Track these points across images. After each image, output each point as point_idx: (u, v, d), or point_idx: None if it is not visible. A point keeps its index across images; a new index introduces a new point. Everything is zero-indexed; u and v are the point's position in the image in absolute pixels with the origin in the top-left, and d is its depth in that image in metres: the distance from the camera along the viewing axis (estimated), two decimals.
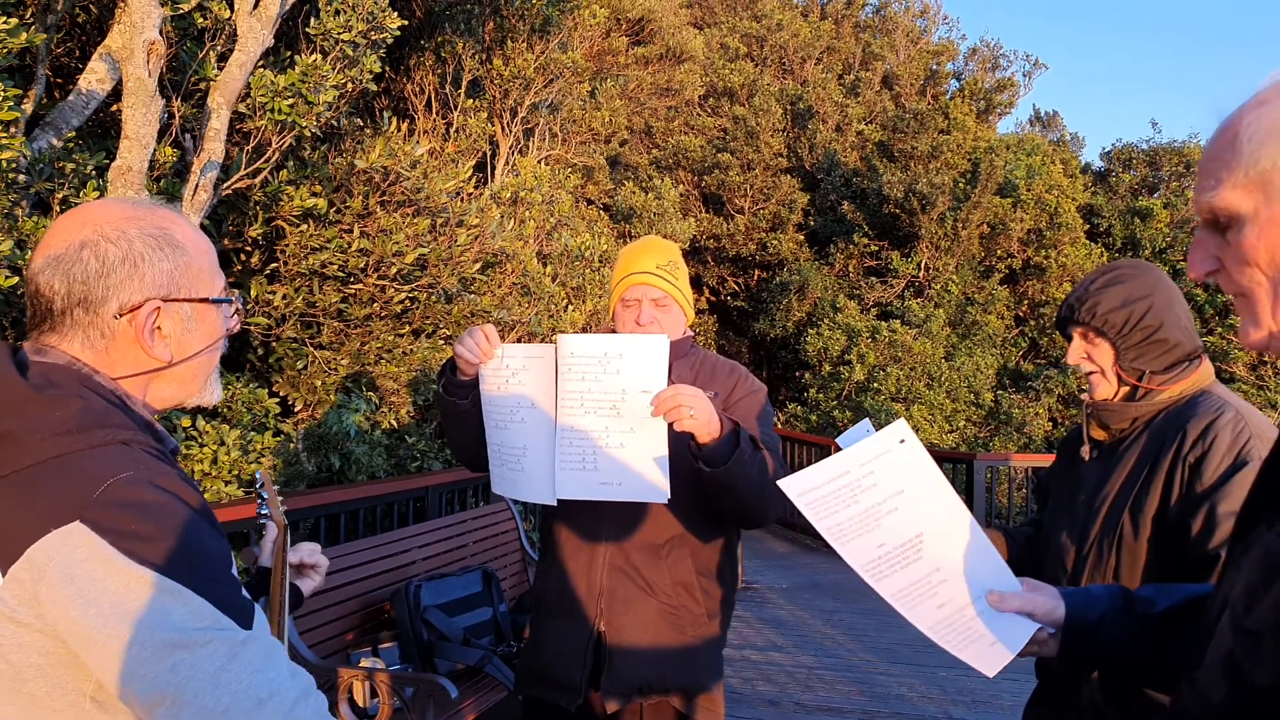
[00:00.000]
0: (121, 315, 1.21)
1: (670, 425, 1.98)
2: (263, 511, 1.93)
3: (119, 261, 1.20)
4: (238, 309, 1.38)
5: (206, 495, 4.71)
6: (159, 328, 1.25)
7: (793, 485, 1.32)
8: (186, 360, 1.29)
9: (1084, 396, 2.08)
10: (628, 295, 2.39)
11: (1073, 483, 2.09)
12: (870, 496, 1.33)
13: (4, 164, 3.69)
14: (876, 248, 18.60)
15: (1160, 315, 1.92)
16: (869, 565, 1.31)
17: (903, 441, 1.36)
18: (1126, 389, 1.99)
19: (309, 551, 1.89)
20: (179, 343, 1.27)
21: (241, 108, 5.02)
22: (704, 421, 1.98)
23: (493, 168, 9.62)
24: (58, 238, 1.22)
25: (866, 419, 2.03)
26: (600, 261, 9.27)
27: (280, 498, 1.98)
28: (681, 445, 2.06)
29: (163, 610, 1.04)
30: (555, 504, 2.12)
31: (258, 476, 1.98)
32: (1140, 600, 1.32)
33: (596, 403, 2.01)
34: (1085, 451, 2.07)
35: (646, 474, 2.00)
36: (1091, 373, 2.02)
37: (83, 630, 1.04)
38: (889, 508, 1.33)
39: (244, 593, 1.15)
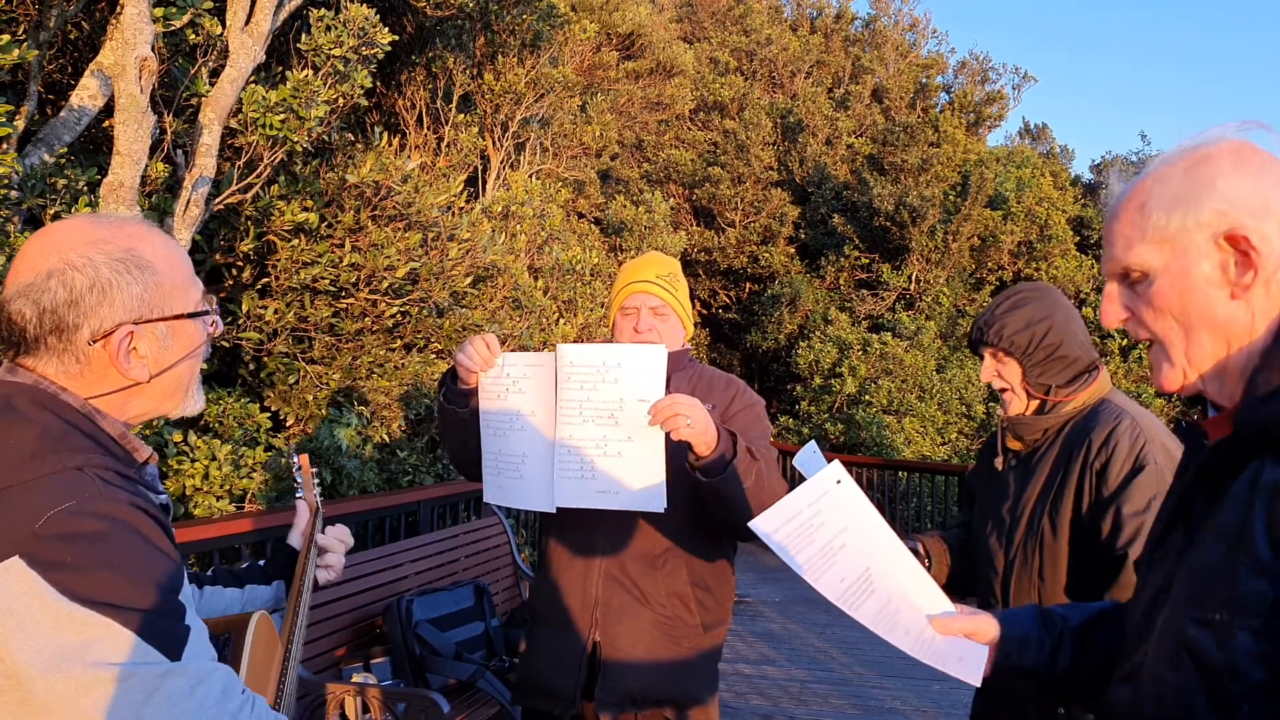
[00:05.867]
0: (95, 341, 1.21)
1: (668, 435, 1.99)
2: (298, 495, 1.94)
3: (86, 290, 1.20)
4: (215, 318, 1.38)
5: (197, 511, 4.73)
6: (135, 349, 1.25)
7: (762, 525, 1.38)
8: (164, 373, 1.29)
9: (998, 412, 2.26)
10: (627, 304, 2.40)
11: (995, 491, 2.27)
12: (823, 534, 1.40)
13: None
14: (867, 260, 18.65)
15: (1060, 334, 2.11)
16: (841, 597, 1.38)
17: (839, 482, 1.43)
18: (1035, 402, 2.17)
19: (333, 540, 1.90)
20: (156, 361, 1.27)
21: (233, 123, 5.03)
22: (701, 431, 1.98)
23: (484, 182, 9.64)
24: (26, 265, 1.22)
25: (813, 440, 2.12)
26: (591, 275, 9.30)
27: (316, 481, 1.98)
28: (679, 456, 2.07)
29: (89, 645, 1.06)
30: (554, 511, 2.12)
31: (294, 460, 1.99)
32: (1057, 617, 1.46)
33: (595, 412, 2.02)
34: (999, 462, 2.27)
35: (643, 483, 2.01)
36: (1003, 390, 2.20)
37: (21, 665, 1.05)
38: (839, 544, 1.40)
39: (183, 619, 1.14)
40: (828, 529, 1.40)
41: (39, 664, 1.05)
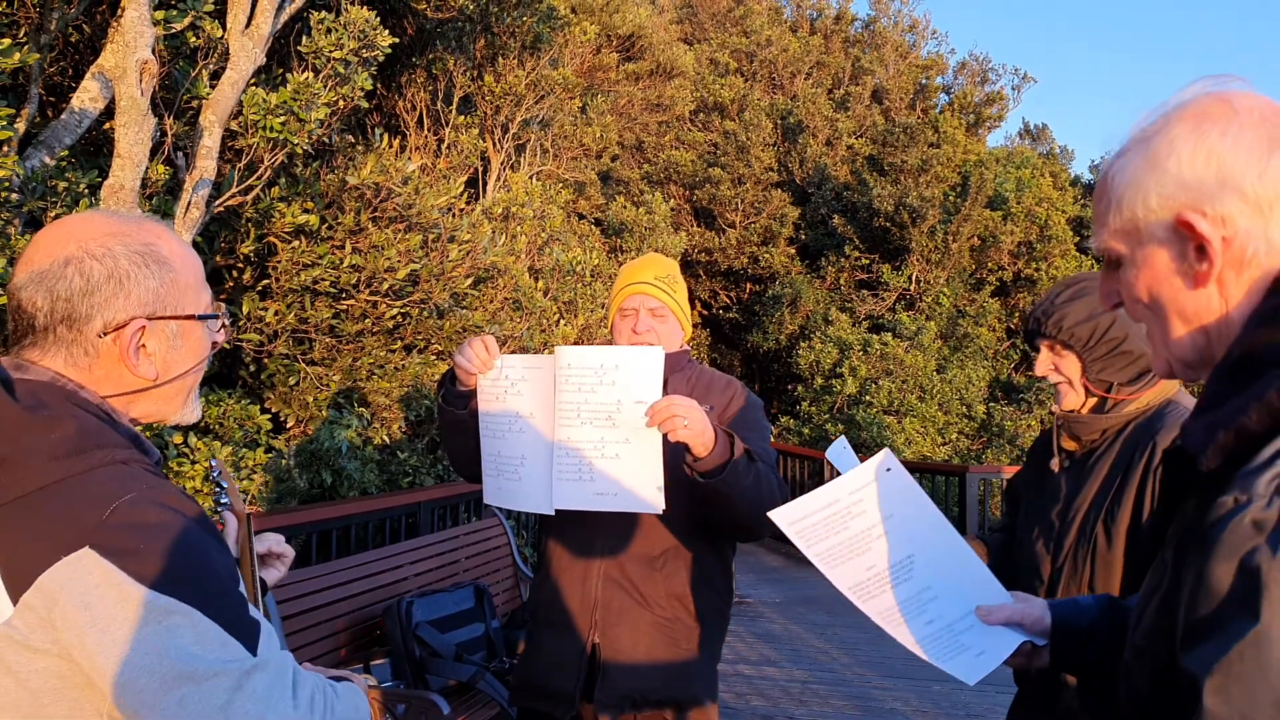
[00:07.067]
0: (106, 334, 1.19)
1: (666, 436, 1.99)
2: (221, 501, 1.87)
3: (104, 280, 1.18)
4: (224, 324, 1.36)
5: None
6: (144, 345, 1.22)
7: (783, 515, 1.35)
8: (172, 381, 1.27)
9: (1053, 408, 2.10)
10: (625, 305, 2.41)
11: (1045, 493, 2.11)
12: (859, 523, 1.36)
13: None
14: (867, 261, 18.68)
15: (1125, 327, 1.93)
16: (856, 587, 1.34)
17: (889, 470, 1.39)
18: (1094, 400, 2.02)
19: (275, 541, 1.84)
20: (164, 360, 1.25)
21: (234, 125, 5.04)
22: (698, 432, 1.99)
23: (484, 183, 9.65)
24: (41, 253, 1.19)
25: (843, 437, 2.06)
26: (592, 276, 9.30)
27: (239, 488, 1.91)
28: (678, 457, 2.07)
29: (172, 637, 1.04)
30: (553, 514, 2.13)
31: (213, 464, 1.85)
32: (1126, 610, 1.35)
33: (593, 414, 2.03)
34: (1055, 463, 2.10)
35: (642, 485, 2.01)
36: (1059, 383, 2.04)
37: (97, 658, 1.03)
38: (878, 533, 1.37)
39: (251, 610, 1.13)
40: (867, 517, 1.37)
41: (118, 659, 1.02)
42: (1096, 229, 1.06)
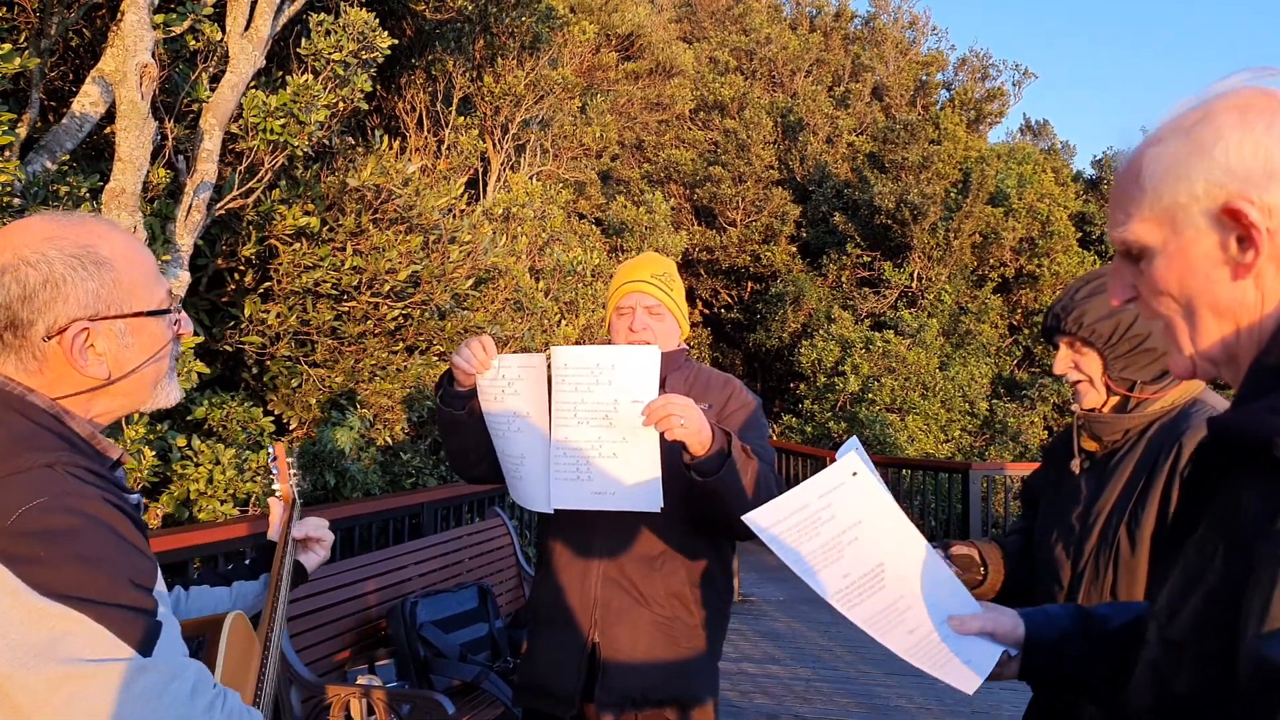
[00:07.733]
0: (50, 338, 1.21)
1: (663, 435, 1.99)
2: (275, 489, 1.92)
3: (40, 285, 1.19)
4: (178, 318, 1.36)
5: (202, 515, 4.74)
6: (92, 346, 1.24)
7: (758, 519, 1.32)
8: (127, 376, 1.28)
9: (1073, 407, 2.02)
10: (622, 304, 2.42)
11: (1064, 495, 2.04)
12: (830, 528, 1.33)
13: None
14: (869, 258, 18.65)
15: (1149, 323, 1.82)
16: (838, 594, 1.31)
17: (855, 474, 1.36)
18: (1116, 399, 1.94)
19: (314, 526, 1.88)
20: (116, 358, 1.26)
21: (234, 128, 5.05)
22: (695, 431, 1.99)
23: (484, 184, 9.66)
24: None
25: (854, 437, 2.04)
26: (592, 276, 9.31)
27: (293, 472, 1.96)
28: (675, 456, 2.07)
29: (60, 640, 1.06)
30: (552, 513, 2.14)
31: (271, 450, 1.96)
32: (1097, 618, 1.33)
33: (589, 413, 2.03)
34: (1076, 465, 2.03)
35: (639, 484, 2.02)
36: (1079, 382, 1.96)
37: None
38: (849, 538, 1.33)
39: (155, 615, 1.14)
40: (838, 522, 1.33)
41: (11, 661, 1.05)
42: (1118, 219, 1.03)
